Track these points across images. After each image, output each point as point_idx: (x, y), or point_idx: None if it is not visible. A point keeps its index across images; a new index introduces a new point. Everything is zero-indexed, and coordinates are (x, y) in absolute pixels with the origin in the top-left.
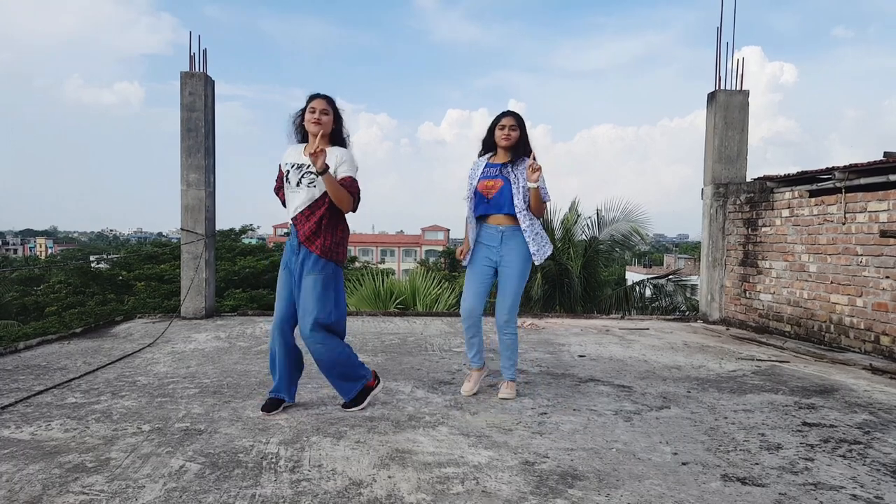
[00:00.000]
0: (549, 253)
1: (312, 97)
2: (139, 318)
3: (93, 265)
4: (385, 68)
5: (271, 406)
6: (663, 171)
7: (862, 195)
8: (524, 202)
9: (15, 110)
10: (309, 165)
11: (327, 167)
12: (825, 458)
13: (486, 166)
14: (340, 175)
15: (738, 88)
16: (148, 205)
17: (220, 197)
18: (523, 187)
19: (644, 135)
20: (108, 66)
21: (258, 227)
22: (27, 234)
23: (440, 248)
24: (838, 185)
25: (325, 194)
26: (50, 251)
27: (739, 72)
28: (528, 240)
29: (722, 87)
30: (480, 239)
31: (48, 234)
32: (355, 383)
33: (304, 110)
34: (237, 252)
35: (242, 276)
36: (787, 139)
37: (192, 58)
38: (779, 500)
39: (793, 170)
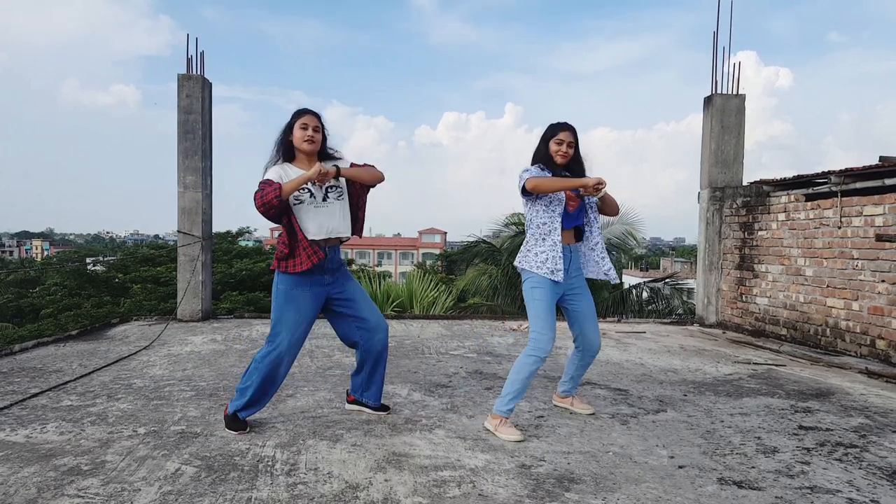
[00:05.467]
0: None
1: (302, 112)
2: (135, 320)
3: (89, 267)
4: (383, 70)
5: (243, 426)
6: (660, 175)
7: (858, 199)
8: (595, 219)
9: (12, 112)
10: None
11: (337, 168)
12: (821, 462)
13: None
14: (349, 165)
15: (735, 93)
16: (144, 207)
17: (217, 199)
18: (593, 201)
19: (640, 138)
20: (105, 68)
21: (255, 230)
22: (23, 236)
23: (437, 251)
24: (834, 189)
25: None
26: (46, 253)
27: (736, 76)
28: (603, 255)
29: (718, 92)
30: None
31: (44, 235)
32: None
33: (292, 121)
34: (234, 254)
35: (239, 278)
36: (782, 143)
37: (189, 60)
38: (775, 503)
39: (789, 173)
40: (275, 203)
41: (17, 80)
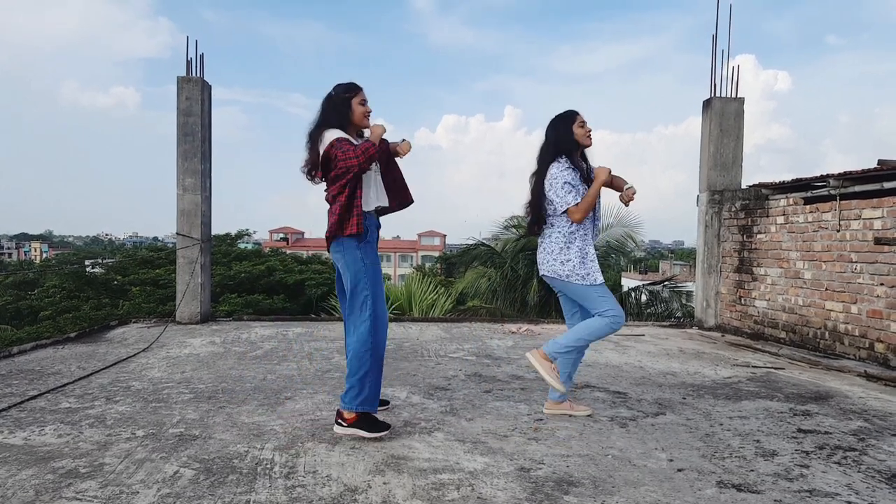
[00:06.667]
0: None
1: (356, 87)
2: (134, 322)
3: (88, 269)
4: (382, 72)
5: (386, 426)
6: (659, 177)
7: (856, 202)
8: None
9: (12, 113)
10: None
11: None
12: (820, 465)
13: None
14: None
15: (734, 96)
16: (143, 209)
17: (217, 202)
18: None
19: (640, 140)
20: (105, 69)
21: (254, 232)
22: (22, 238)
23: (436, 254)
24: (833, 192)
25: None
26: (45, 255)
27: (735, 79)
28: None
29: (717, 95)
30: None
31: (43, 238)
32: None
33: (348, 96)
34: (233, 257)
35: (238, 280)
36: (781, 146)
37: (188, 62)
38: None
39: (787, 177)
40: (376, 156)
41: (16, 80)
